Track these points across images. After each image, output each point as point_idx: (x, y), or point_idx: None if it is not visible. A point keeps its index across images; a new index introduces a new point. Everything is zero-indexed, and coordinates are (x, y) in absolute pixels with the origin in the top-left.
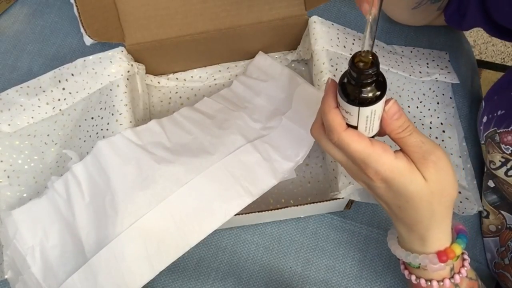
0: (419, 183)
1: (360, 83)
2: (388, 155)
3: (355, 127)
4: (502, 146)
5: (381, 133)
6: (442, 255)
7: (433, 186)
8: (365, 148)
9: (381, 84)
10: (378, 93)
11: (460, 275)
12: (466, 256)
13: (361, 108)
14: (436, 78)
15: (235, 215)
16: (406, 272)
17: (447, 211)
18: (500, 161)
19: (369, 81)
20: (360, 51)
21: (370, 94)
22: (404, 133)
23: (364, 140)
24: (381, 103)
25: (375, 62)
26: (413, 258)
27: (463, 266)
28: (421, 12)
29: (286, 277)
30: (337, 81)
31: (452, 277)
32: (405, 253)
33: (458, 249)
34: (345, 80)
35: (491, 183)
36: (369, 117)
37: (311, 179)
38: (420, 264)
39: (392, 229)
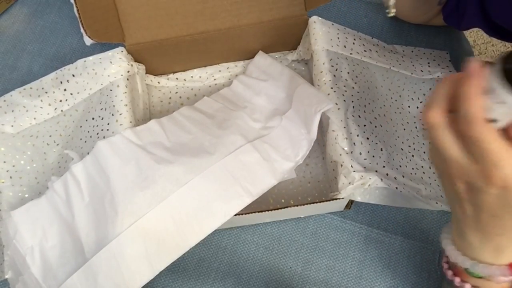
0: None
1: None
2: None
3: (491, 122)
4: None
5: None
6: None
7: None
8: (505, 150)
9: None
10: None
11: None
12: None
13: None
14: (438, 77)
15: (235, 215)
16: (456, 279)
17: None
18: None
19: None
20: None
21: None
22: None
23: (505, 141)
24: None
25: None
26: (482, 268)
27: None
28: (423, 4)
29: (286, 277)
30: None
31: None
32: (471, 262)
33: None
34: (510, 66)
35: None
36: None
37: (311, 179)
38: (487, 275)
39: (445, 234)
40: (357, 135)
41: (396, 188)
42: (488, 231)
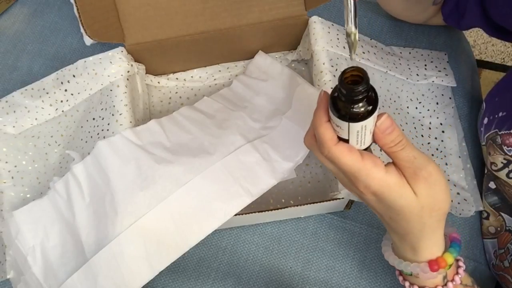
0: (409, 198)
1: (350, 99)
2: (378, 169)
3: (347, 141)
4: (504, 148)
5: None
6: (433, 264)
7: (423, 201)
8: (355, 163)
9: (372, 100)
10: (370, 108)
11: (454, 283)
12: (461, 263)
13: (351, 123)
14: (433, 81)
15: (235, 215)
16: (400, 278)
17: (438, 224)
18: (502, 162)
19: (359, 97)
20: (349, 68)
21: (361, 110)
22: (396, 147)
23: (355, 155)
24: (372, 118)
25: (364, 79)
26: (405, 266)
27: (457, 273)
28: (415, 4)
29: (286, 277)
30: (329, 93)
31: (445, 285)
32: (397, 261)
33: (450, 258)
34: (336, 94)
35: (492, 185)
36: (360, 132)
37: (311, 179)
38: (410, 272)
39: (386, 235)
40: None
41: None
42: (397, 232)
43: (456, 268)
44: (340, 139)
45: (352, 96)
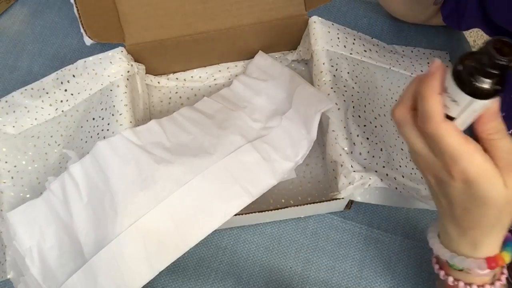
0: (500, 190)
1: (489, 72)
2: (480, 155)
3: (451, 118)
4: None
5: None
6: (491, 262)
7: (510, 196)
8: (461, 145)
9: (503, 79)
10: (499, 87)
11: (500, 282)
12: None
13: (475, 100)
14: None
15: (235, 215)
16: (441, 272)
17: (510, 222)
18: None
19: (498, 72)
20: (501, 37)
21: (493, 87)
22: (496, 135)
23: (462, 136)
24: (495, 99)
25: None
26: (460, 260)
27: (503, 273)
28: (416, 4)
29: (286, 277)
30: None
31: (493, 283)
32: (450, 254)
33: (507, 256)
34: (466, 65)
35: None
36: (476, 111)
37: (311, 179)
38: (465, 267)
39: (432, 227)
40: (357, 135)
41: (396, 188)
42: (462, 225)
43: (502, 267)
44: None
45: (494, 68)
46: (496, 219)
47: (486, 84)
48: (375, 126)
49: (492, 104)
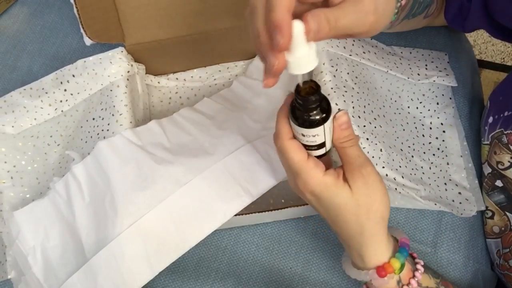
0: (345, 196)
1: (299, 109)
2: (318, 170)
3: (310, 147)
4: (511, 147)
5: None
6: (380, 270)
7: (359, 199)
8: (300, 160)
9: (322, 109)
10: (317, 117)
11: (410, 286)
12: (419, 266)
13: (305, 129)
14: (434, 81)
15: (235, 215)
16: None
17: (378, 227)
18: (509, 161)
19: (306, 108)
20: (306, 81)
21: (314, 118)
22: (346, 143)
23: (302, 153)
24: (327, 124)
25: (317, 90)
26: (358, 274)
27: (413, 276)
28: (405, 25)
29: (286, 277)
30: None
31: None
32: (352, 270)
33: (396, 263)
34: (292, 104)
35: (499, 183)
36: (321, 132)
37: None
38: (363, 280)
39: (345, 251)
40: (357, 136)
41: (396, 188)
42: (342, 238)
43: (413, 271)
44: (306, 146)
45: (304, 106)
46: (359, 226)
47: (310, 116)
48: (375, 127)
49: (327, 127)
